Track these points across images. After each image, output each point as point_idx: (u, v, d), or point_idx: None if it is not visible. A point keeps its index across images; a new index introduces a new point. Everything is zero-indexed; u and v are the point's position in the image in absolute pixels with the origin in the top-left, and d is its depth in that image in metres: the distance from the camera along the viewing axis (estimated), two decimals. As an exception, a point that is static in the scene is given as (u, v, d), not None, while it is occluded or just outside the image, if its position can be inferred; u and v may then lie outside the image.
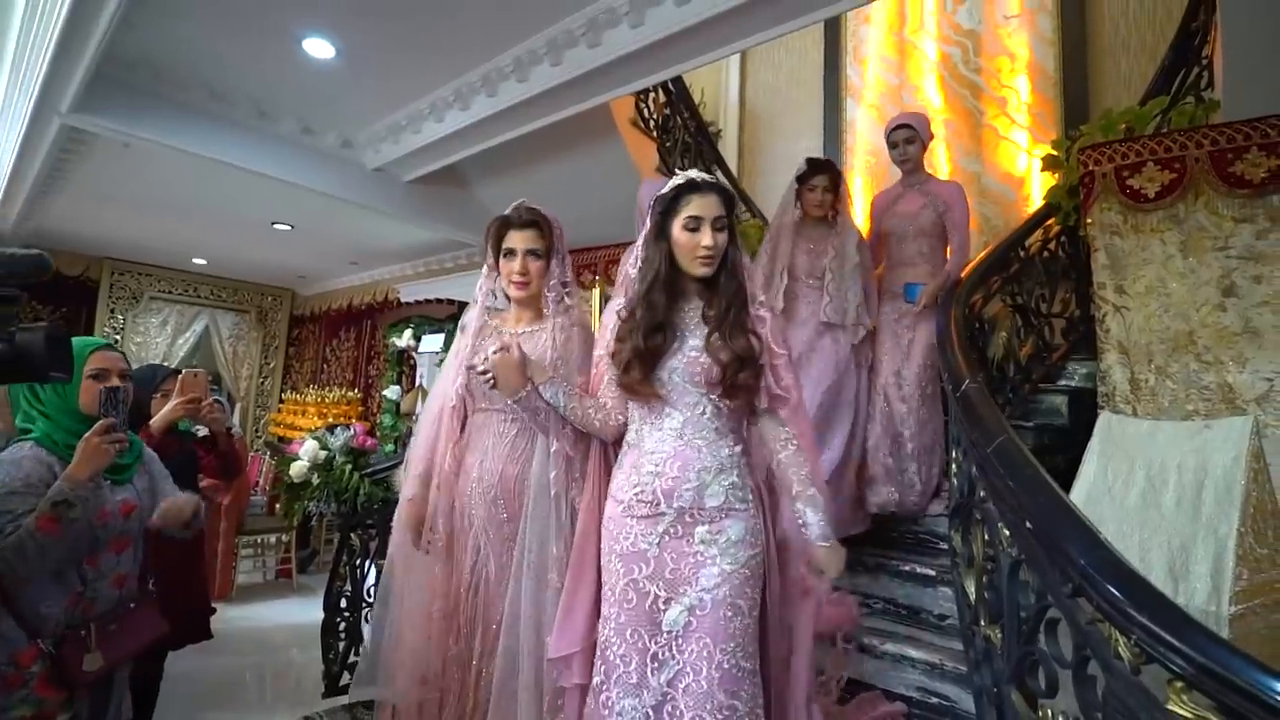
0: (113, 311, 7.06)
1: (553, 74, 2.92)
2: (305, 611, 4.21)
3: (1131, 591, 0.90)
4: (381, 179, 4.19)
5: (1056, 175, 2.96)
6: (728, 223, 1.33)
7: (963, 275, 2.50)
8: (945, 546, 2.21)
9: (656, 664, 1.23)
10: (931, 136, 2.66)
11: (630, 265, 1.43)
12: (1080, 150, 2.67)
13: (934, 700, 1.71)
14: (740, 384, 1.28)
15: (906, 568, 2.17)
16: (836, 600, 1.42)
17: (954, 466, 1.93)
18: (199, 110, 3.36)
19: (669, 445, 1.30)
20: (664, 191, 1.35)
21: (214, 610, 2.33)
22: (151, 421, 1.91)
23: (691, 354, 1.31)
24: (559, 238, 1.61)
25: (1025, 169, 4.16)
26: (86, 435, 1.31)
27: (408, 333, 5.10)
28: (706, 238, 1.29)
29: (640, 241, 1.41)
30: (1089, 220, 2.63)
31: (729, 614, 1.22)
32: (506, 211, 1.61)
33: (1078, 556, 0.99)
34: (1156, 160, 2.47)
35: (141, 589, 1.55)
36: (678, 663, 1.22)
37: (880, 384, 2.48)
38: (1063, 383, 2.92)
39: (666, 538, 1.28)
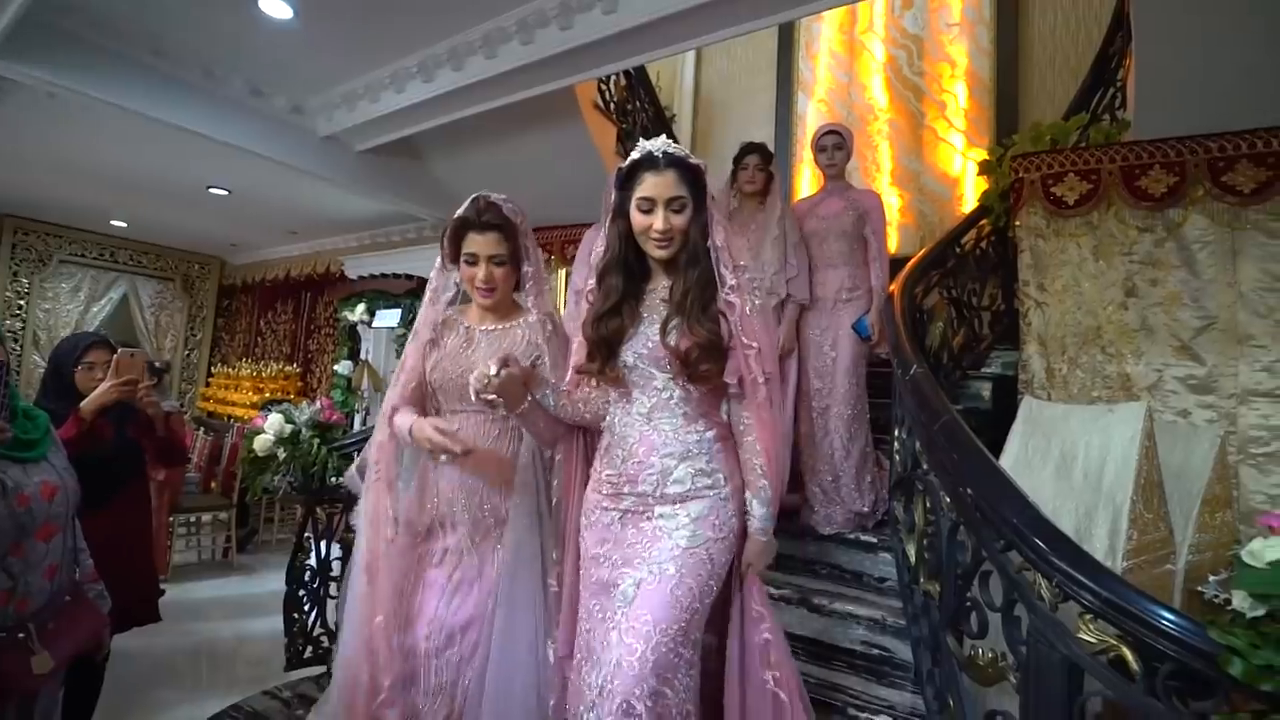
0: (15, 274, 6.50)
1: (522, 53, 2.92)
2: (247, 590, 4.11)
3: (1053, 544, 1.08)
4: (331, 147, 4.05)
5: (990, 179, 3.23)
6: (690, 200, 1.23)
7: (906, 269, 2.71)
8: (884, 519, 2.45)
9: (607, 643, 1.19)
10: (852, 152, 2.78)
11: (597, 245, 1.36)
12: (1012, 158, 2.93)
13: (875, 652, 1.92)
14: (704, 373, 1.21)
15: (851, 536, 2.38)
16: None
17: (896, 444, 2.14)
18: (139, 64, 3.14)
19: (636, 429, 1.27)
20: (621, 166, 1.26)
21: (163, 592, 2.27)
22: (82, 405, 1.76)
23: (656, 339, 1.24)
24: (526, 235, 1.50)
25: (960, 170, 4.46)
26: None
27: (360, 307, 4.97)
28: (659, 221, 1.21)
29: (606, 220, 1.34)
30: (1017, 223, 2.90)
31: (678, 593, 1.16)
32: (465, 208, 1.46)
33: (1010, 516, 1.17)
34: (1077, 171, 2.75)
35: (74, 580, 1.38)
36: (621, 641, 1.17)
37: (810, 403, 2.56)
38: (986, 370, 3.22)
39: (628, 514, 1.26)
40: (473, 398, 1.24)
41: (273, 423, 2.14)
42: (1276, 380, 2.45)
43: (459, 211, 1.46)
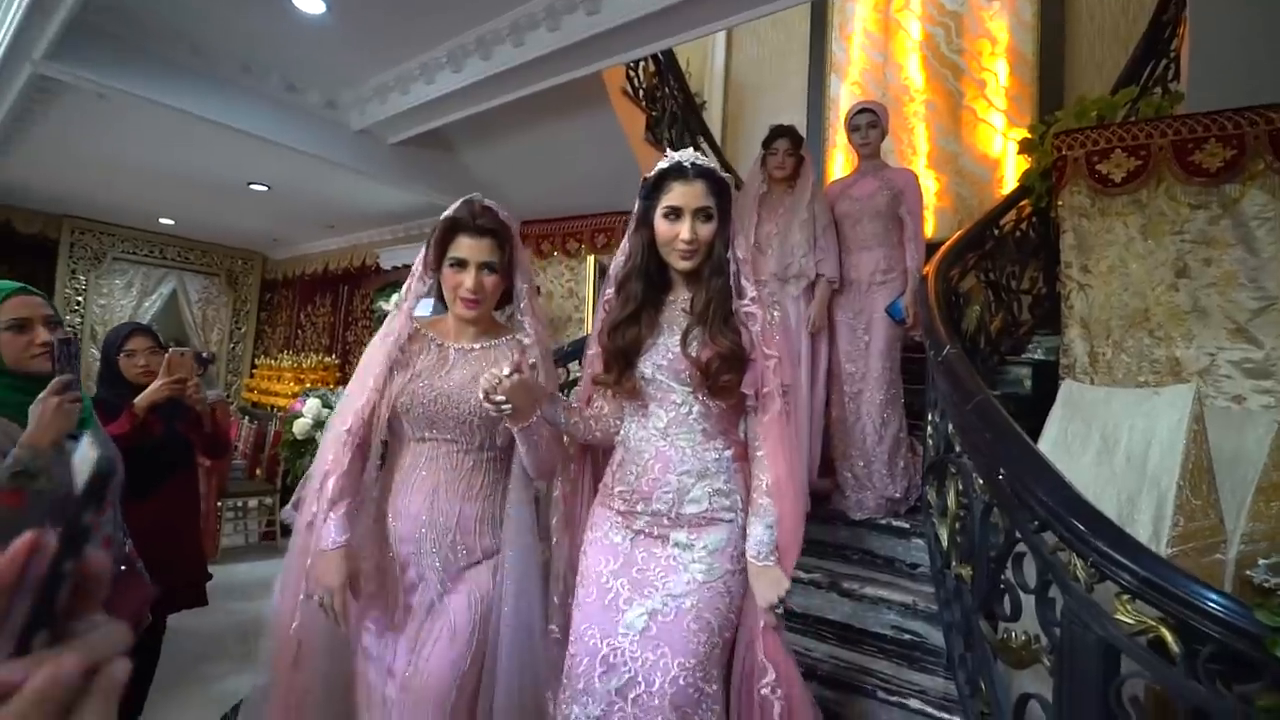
0: (74, 272, 6.83)
1: (549, 39, 2.93)
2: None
3: (1090, 523, 1.05)
4: (365, 140, 4.14)
5: (1031, 158, 3.11)
6: (716, 212, 1.20)
7: (940, 251, 2.64)
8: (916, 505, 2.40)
9: (605, 668, 1.12)
10: (887, 130, 2.71)
11: (619, 254, 1.31)
12: (1055, 135, 2.81)
13: (906, 637, 1.89)
14: (724, 385, 1.17)
15: (883, 521, 2.35)
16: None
17: (929, 428, 2.09)
18: (180, 64, 3.26)
19: (652, 445, 1.21)
20: (648, 175, 1.23)
21: (210, 576, 2.35)
22: (135, 401, 1.84)
23: (675, 350, 1.20)
24: (519, 248, 1.36)
25: (1001, 151, 4.32)
26: (43, 396, 1.16)
27: (395, 297, 5.08)
28: (685, 230, 1.17)
29: (629, 229, 1.30)
30: (1060, 202, 2.79)
31: (695, 627, 1.11)
32: (456, 209, 1.31)
33: (1045, 495, 1.14)
34: (1124, 147, 2.63)
35: (124, 552, 1.44)
36: (629, 670, 1.11)
37: (843, 388, 2.53)
38: (1026, 355, 3.12)
39: (640, 536, 1.21)
40: (480, 397, 1.13)
41: (310, 407, 2.21)
42: (1342, 363, 2.31)
43: (449, 212, 1.31)
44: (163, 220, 6.68)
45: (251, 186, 5.10)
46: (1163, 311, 2.59)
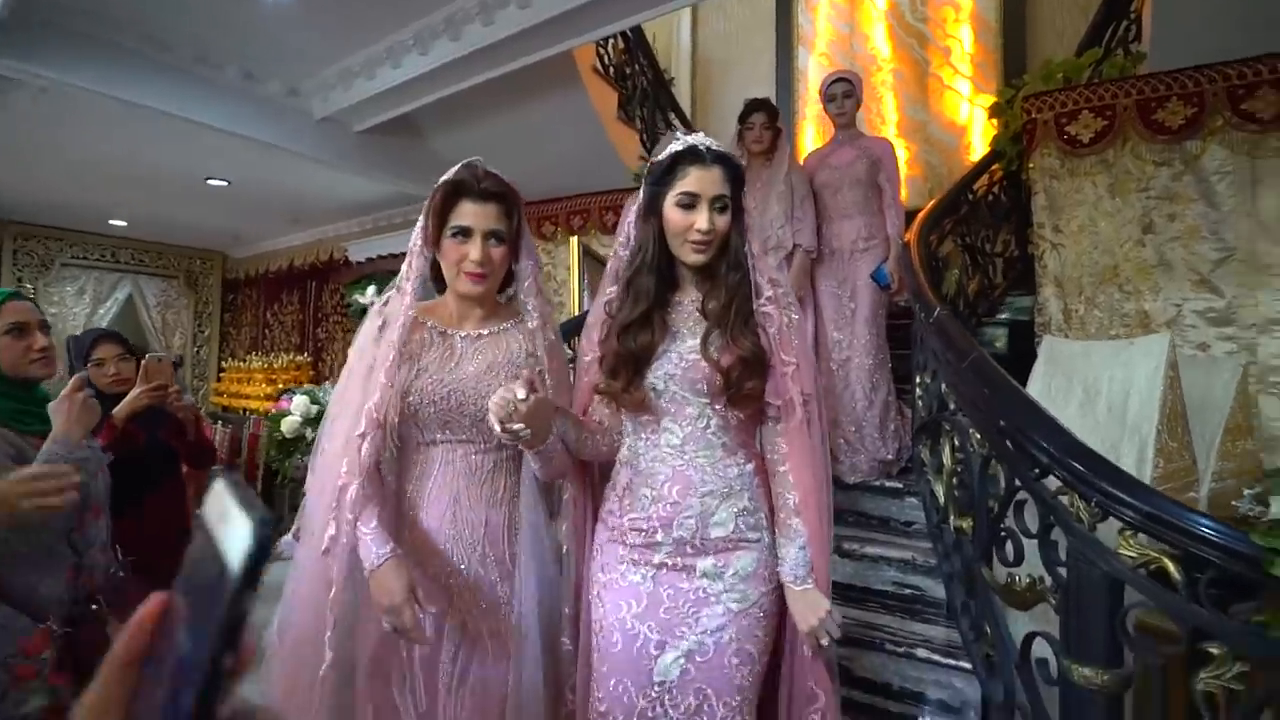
0: (19, 280, 6.50)
1: (520, 17, 2.86)
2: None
3: (1092, 465, 1.10)
4: (329, 129, 4.01)
5: (1001, 122, 3.17)
6: (732, 203, 1.10)
7: (920, 216, 2.69)
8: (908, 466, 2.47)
9: None
10: (862, 99, 2.73)
11: (620, 248, 1.20)
12: (1024, 99, 2.87)
13: (907, 591, 1.97)
14: (748, 392, 1.07)
15: (876, 483, 2.41)
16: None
17: (919, 390, 2.15)
18: (131, 52, 3.10)
19: (667, 465, 1.11)
20: (659, 158, 1.12)
21: None
22: (114, 411, 1.77)
23: (690, 356, 1.10)
24: (524, 220, 1.22)
25: (968, 117, 4.39)
26: (66, 393, 1.19)
27: (371, 289, 4.99)
28: (702, 220, 1.07)
29: (630, 219, 1.19)
30: (1031, 165, 2.86)
31: (736, 661, 1.05)
32: (456, 172, 1.16)
33: (1046, 442, 1.18)
34: (1091, 108, 2.70)
35: (119, 559, 1.44)
36: None
37: (830, 356, 2.57)
38: (1000, 316, 3.21)
39: (662, 570, 1.10)
40: (496, 429, 0.98)
41: (298, 404, 2.17)
42: (1298, 308, 2.44)
43: (449, 175, 1.16)
44: (114, 222, 6.40)
45: (210, 182, 4.91)
46: (1131, 267, 2.69)
